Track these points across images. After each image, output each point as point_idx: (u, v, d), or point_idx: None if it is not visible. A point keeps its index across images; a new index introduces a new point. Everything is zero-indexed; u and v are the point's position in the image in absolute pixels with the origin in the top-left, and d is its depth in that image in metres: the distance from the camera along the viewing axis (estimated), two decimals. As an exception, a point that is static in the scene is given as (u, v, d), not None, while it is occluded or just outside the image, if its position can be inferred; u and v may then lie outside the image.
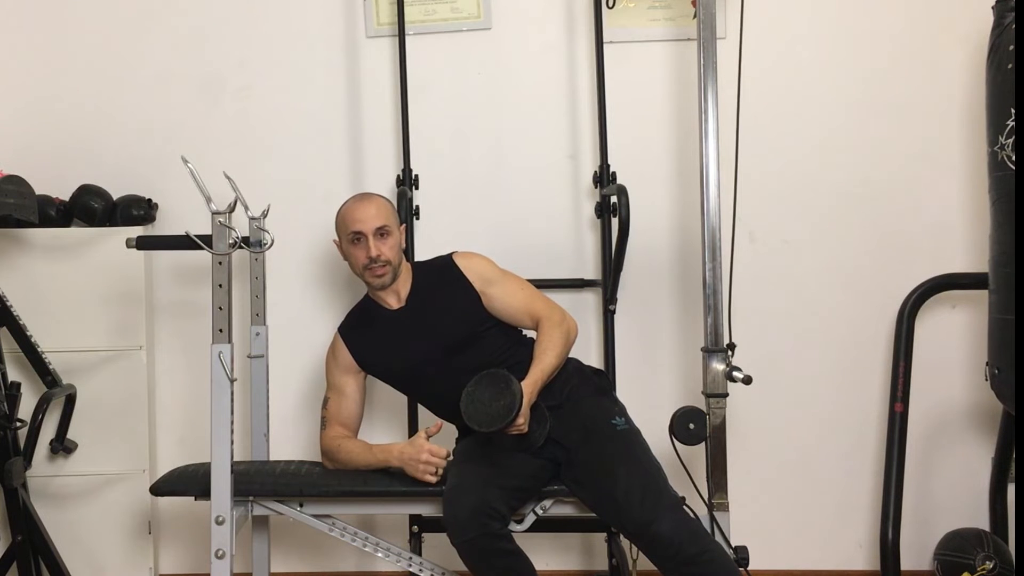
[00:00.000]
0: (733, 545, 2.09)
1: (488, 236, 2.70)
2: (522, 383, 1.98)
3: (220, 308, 2.04)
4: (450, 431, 2.25)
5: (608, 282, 2.56)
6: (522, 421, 1.96)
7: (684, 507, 1.99)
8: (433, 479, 2.04)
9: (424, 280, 2.28)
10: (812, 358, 2.69)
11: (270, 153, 2.74)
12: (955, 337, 2.66)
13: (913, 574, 2.62)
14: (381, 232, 2.18)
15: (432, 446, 2.06)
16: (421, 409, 2.50)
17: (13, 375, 2.53)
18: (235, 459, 2.09)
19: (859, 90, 2.67)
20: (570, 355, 2.24)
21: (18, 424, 2.45)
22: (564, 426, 2.09)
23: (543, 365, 2.09)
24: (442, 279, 2.25)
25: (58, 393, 2.51)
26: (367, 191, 2.37)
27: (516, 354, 2.19)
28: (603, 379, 2.33)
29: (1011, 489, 2.52)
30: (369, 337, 2.25)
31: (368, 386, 2.31)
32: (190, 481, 2.17)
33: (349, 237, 2.21)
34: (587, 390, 2.21)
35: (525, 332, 2.31)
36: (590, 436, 2.07)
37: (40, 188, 2.58)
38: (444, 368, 2.16)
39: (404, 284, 2.26)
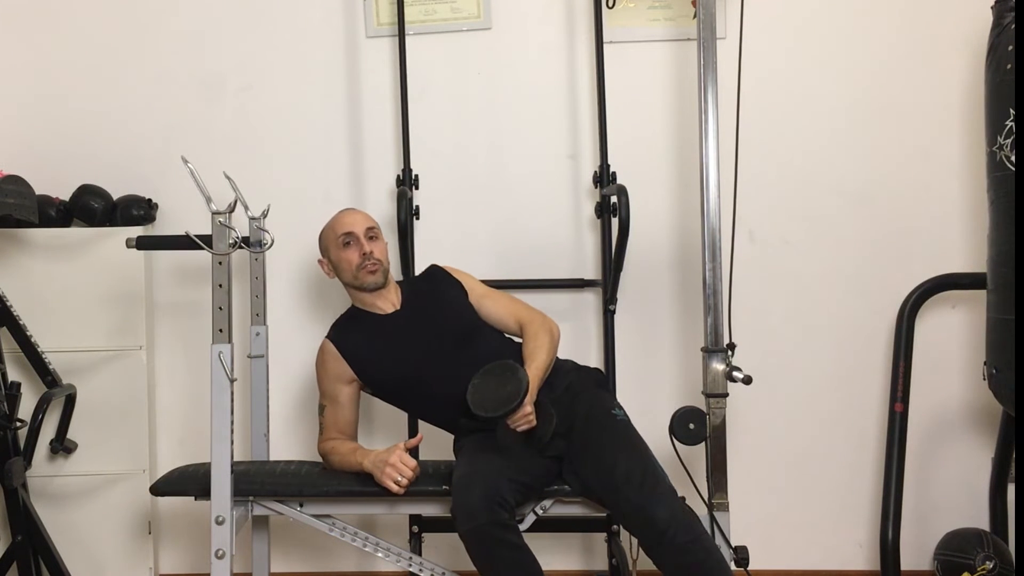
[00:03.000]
0: (733, 545, 2.09)
1: (488, 236, 2.71)
2: None
3: (220, 308, 2.04)
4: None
5: (608, 282, 2.56)
6: (530, 410, 1.98)
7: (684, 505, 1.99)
8: (395, 487, 2.00)
9: (414, 288, 2.33)
10: (812, 358, 2.70)
11: (270, 153, 2.74)
12: (955, 337, 2.67)
13: (913, 574, 2.62)
14: (371, 234, 2.24)
15: (405, 455, 2.04)
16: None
17: (13, 375, 2.53)
18: (235, 459, 2.09)
19: (859, 90, 2.67)
20: (567, 358, 2.28)
21: (18, 424, 2.45)
22: (564, 414, 2.08)
23: (538, 363, 2.11)
24: (432, 282, 2.31)
25: (58, 393, 2.51)
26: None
27: (511, 352, 2.19)
28: (601, 375, 2.36)
29: (1011, 489, 2.52)
30: (363, 342, 2.22)
31: (366, 394, 2.29)
32: (190, 481, 2.17)
33: (339, 241, 2.22)
34: (586, 383, 2.24)
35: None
36: (590, 423, 2.08)
37: (40, 188, 2.58)
38: (449, 361, 2.15)
39: (395, 294, 2.29)
